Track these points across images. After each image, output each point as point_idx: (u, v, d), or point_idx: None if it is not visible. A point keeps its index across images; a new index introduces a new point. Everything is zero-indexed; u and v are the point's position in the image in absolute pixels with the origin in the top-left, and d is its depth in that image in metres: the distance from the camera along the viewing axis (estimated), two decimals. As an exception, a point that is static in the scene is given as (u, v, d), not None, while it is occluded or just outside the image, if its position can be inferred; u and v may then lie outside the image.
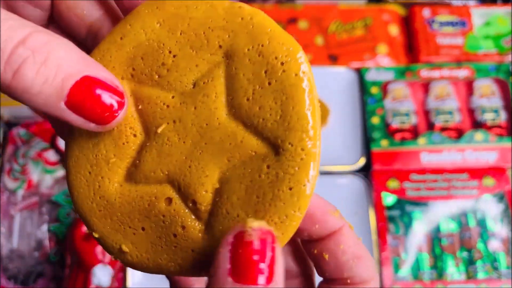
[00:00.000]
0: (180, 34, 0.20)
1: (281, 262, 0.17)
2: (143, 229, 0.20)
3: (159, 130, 0.20)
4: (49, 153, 0.69)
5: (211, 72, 0.20)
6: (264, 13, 0.20)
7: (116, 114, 0.19)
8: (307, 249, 0.22)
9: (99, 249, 0.59)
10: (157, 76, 0.20)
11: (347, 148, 0.67)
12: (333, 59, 0.74)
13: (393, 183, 0.65)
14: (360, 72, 0.72)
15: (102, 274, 0.59)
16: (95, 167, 0.20)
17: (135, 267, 0.21)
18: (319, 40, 0.75)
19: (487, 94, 0.70)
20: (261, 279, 0.16)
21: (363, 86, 0.71)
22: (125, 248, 0.20)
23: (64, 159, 0.22)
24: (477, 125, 0.69)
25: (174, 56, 0.20)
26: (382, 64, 0.73)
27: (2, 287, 0.62)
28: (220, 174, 0.20)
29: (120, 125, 0.20)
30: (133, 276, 0.62)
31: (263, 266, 0.16)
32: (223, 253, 0.17)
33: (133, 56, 0.20)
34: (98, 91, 0.18)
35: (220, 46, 0.20)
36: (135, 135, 0.20)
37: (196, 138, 0.20)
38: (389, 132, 0.68)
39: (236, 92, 0.19)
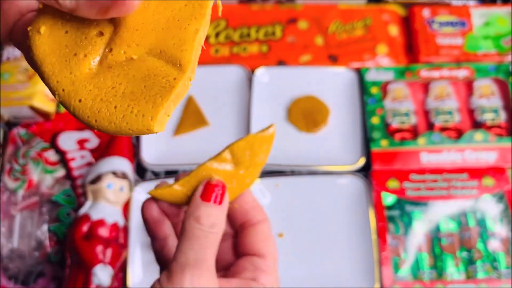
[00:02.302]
0: None
1: (227, 202, 0.30)
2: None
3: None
4: (49, 153, 0.69)
5: None
6: None
7: None
8: (230, 206, 0.32)
9: (99, 249, 0.59)
10: None
11: (347, 148, 0.68)
12: (333, 59, 0.74)
13: (393, 183, 0.65)
14: (360, 72, 0.72)
15: (102, 274, 0.59)
16: (68, 61, 0.22)
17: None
18: (319, 40, 0.75)
19: (486, 94, 0.70)
20: (216, 199, 0.29)
21: (363, 86, 0.71)
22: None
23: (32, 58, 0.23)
24: (477, 125, 0.69)
25: None
26: (382, 64, 0.73)
27: (3, 287, 0.62)
28: (194, 31, 0.22)
29: (89, 29, 0.22)
30: (133, 276, 0.62)
31: (217, 195, 0.29)
32: (199, 189, 0.29)
33: None
34: None
35: None
36: (102, 33, 0.22)
37: (162, 13, 0.23)
38: (389, 132, 0.68)
39: None
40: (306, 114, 0.70)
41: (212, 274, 0.26)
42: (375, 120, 0.68)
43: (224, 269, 0.31)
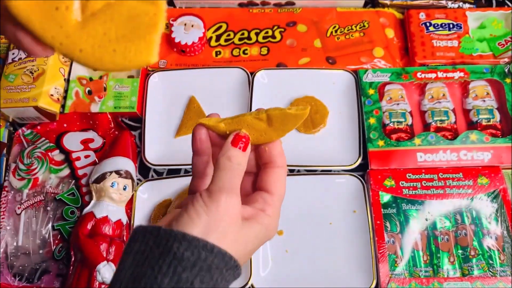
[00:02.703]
0: None
1: (249, 149, 0.37)
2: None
3: None
4: (54, 153, 0.70)
5: None
6: None
7: None
8: (261, 149, 0.39)
9: (103, 246, 0.60)
10: None
11: (345, 148, 0.69)
12: (331, 62, 0.75)
13: (389, 182, 0.66)
14: (357, 74, 0.73)
15: (106, 271, 0.59)
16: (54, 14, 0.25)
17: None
18: (318, 43, 0.76)
19: (482, 95, 0.71)
20: (241, 147, 0.36)
21: (360, 87, 0.72)
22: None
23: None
24: (472, 125, 0.70)
25: None
26: (379, 67, 0.74)
27: (8, 285, 0.63)
28: None
29: None
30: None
31: (242, 144, 0.36)
32: (231, 137, 0.36)
33: None
34: None
35: None
36: None
37: None
38: (385, 132, 0.69)
39: None
40: (305, 115, 0.71)
41: (238, 198, 0.35)
42: (372, 120, 0.69)
43: (244, 196, 0.38)
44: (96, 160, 0.69)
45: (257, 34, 0.77)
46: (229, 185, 0.34)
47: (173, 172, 0.69)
